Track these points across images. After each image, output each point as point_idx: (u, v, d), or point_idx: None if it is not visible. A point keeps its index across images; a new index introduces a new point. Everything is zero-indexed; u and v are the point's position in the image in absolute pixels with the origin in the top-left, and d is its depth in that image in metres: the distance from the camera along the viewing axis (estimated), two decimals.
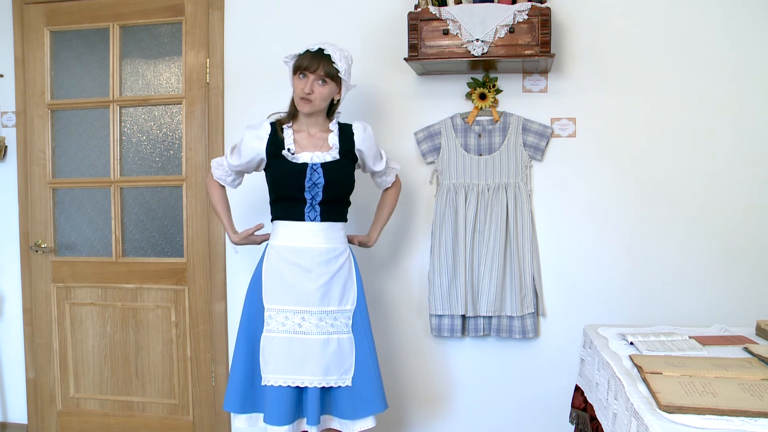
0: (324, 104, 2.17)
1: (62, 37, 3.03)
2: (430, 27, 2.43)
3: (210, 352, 2.92)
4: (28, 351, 3.08)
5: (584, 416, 2.05)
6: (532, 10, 2.36)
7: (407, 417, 2.78)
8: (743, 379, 1.47)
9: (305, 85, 2.11)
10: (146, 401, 2.98)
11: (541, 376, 2.66)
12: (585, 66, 2.58)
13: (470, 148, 2.64)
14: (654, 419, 1.29)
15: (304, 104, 2.14)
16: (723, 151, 2.52)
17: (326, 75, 2.11)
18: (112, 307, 2.99)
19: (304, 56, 2.13)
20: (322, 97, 2.13)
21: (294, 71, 2.15)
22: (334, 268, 2.18)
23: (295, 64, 2.15)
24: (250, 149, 2.20)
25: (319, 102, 2.14)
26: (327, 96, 2.15)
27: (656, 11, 2.53)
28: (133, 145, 2.99)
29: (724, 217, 2.53)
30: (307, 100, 2.12)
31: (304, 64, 2.11)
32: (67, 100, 3.02)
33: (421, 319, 2.74)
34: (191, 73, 2.88)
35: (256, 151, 2.19)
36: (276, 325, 2.13)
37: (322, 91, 2.12)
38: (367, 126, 2.27)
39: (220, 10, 2.83)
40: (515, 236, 2.58)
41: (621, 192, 2.59)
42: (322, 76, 2.11)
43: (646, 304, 2.58)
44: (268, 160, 2.18)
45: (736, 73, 2.50)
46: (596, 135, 2.59)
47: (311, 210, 2.16)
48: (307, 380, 2.10)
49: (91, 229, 3.05)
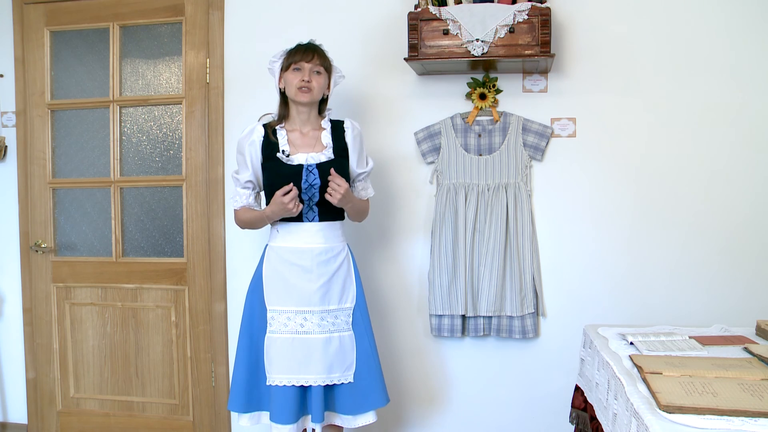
0: (320, 95, 2.21)
1: (62, 37, 3.03)
2: (430, 27, 2.43)
3: (210, 352, 2.92)
4: (28, 351, 3.08)
5: (584, 416, 2.05)
6: (532, 10, 2.36)
7: (407, 417, 2.79)
8: (743, 379, 1.47)
9: (303, 75, 2.14)
10: (146, 401, 2.98)
11: (541, 376, 2.66)
12: (585, 66, 2.58)
13: (470, 148, 2.64)
14: (654, 419, 1.29)
15: (303, 94, 2.15)
16: (723, 150, 2.52)
17: (321, 65, 2.18)
18: (112, 307, 2.99)
19: (296, 50, 2.18)
20: (319, 86, 2.18)
21: (286, 67, 2.17)
22: (334, 267, 2.19)
23: (286, 60, 2.18)
24: (249, 154, 2.20)
25: (317, 91, 2.17)
26: (323, 86, 2.20)
27: (656, 11, 2.53)
28: (133, 145, 2.99)
29: (724, 217, 2.53)
30: (307, 88, 2.14)
31: (299, 57, 2.16)
32: (67, 100, 3.02)
33: (421, 319, 2.74)
34: (191, 73, 2.88)
35: (255, 154, 2.19)
36: (278, 326, 2.15)
37: (319, 81, 2.18)
38: (357, 125, 2.30)
39: (220, 10, 2.83)
40: (515, 236, 2.58)
41: (621, 192, 2.59)
42: (318, 65, 2.17)
43: (646, 304, 2.58)
44: (264, 163, 2.19)
45: (736, 72, 2.50)
46: (596, 135, 2.59)
47: (309, 211, 2.17)
48: (311, 379, 2.12)
49: (91, 229, 3.05)
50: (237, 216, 2.29)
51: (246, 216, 2.25)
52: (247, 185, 2.24)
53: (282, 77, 2.20)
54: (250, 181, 2.23)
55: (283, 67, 2.19)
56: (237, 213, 2.28)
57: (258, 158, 2.19)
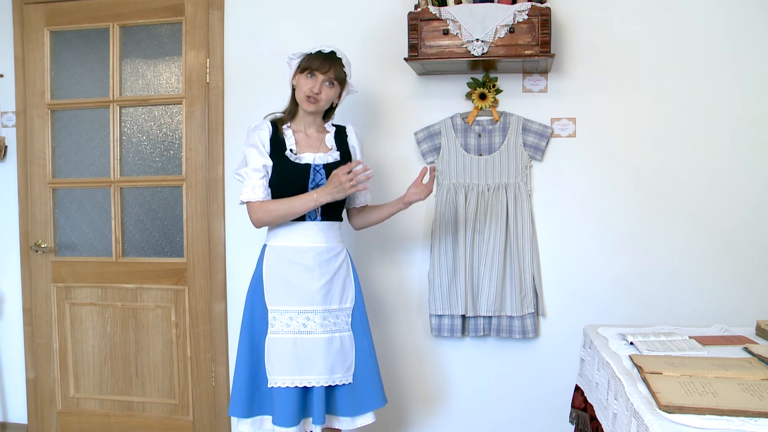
0: (326, 106, 2.21)
1: (62, 37, 3.03)
2: (430, 27, 2.43)
3: (210, 352, 2.92)
4: (28, 351, 3.08)
5: (584, 416, 2.05)
6: (532, 10, 2.36)
7: (407, 417, 2.78)
8: (743, 379, 1.47)
9: (314, 85, 2.13)
10: (146, 401, 2.98)
11: (541, 376, 2.66)
12: (585, 66, 2.58)
13: (470, 148, 2.64)
14: (654, 419, 1.29)
15: (309, 104, 2.15)
16: (723, 150, 2.52)
17: (335, 78, 2.15)
18: (112, 307, 2.99)
19: (315, 57, 2.14)
20: (328, 99, 2.17)
21: (301, 70, 2.15)
22: (335, 266, 2.19)
23: (303, 63, 2.15)
24: (261, 141, 2.16)
25: (324, 103, 2.17)
26: (332, 98, 2.19)
27: (657, 11, 2.53)
28: (133, 145, 2.99)
29: (724, 217, 2.53)
30: (315, 99, 2.14)
31: (315, 65, 2.12)
32: (67, 100, 3.02)
33: (421, 319, 2.74)
34: (191, 73, 2.88)
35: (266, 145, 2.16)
36: (280, 326, 2.14)
37: (329, 93, 2.16)
38: (358, 131, 2.33)
39: (220, 10, 2.83)
40: (515, 236, 2.58)
41: (621, 192, 2.59)
42: (331, 79, 2.14)
43: (646, 304, 2.58)
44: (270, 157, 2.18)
45: (736, 72, 2.50)
46: (596, 135, 2.59)
47: (312, 210, 2.16)
48: (314, 380, 2.11)
49: (91, 229, 3.05)
50: (260, 209, 2.11)
51: (275, 206, 2.09)
52: (261, 170, 2.12)
53: (296, 76, 2.19)
54: (265, 166, 2.12)
55: (300, 67, 2.16)
56: (260, 206, 2.11)
57: (268, 149, 2.16)
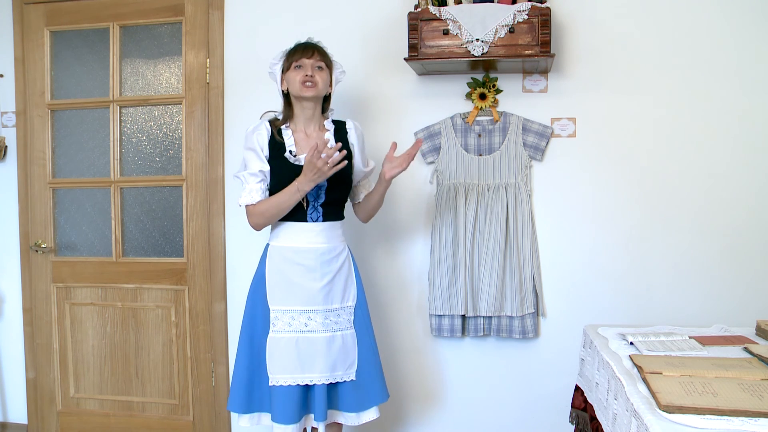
0: (324, 90, 2.19)
1: (62, 37, 3.03)
2: (430, 27, 2.43)
3: (210, 352, 2.92)
4: (28, 351, 3.08)
5: (584, 416, 2.05)
6: (532, 10, 2.36)
7: (407, 417, 2.78)
8: (743, 379, 1.47)
9: (306, 71, 2.14)
10: (146, 401, 2.98)
11: (541, 376, 2.66)
12: (585, 66, 2.58)
13: (470, 148, 2.64)
14: (654, 419, 1.29)
15: (308, 89, 2.14)
16: (723, 150, 2.52)
17: (322, 60, 2.18)
18: (112, 307, 2.99)
19: (295, 49, 2.19)
20: (323, 81, 2.17)
21: (287, 67, 2.17)
22: (336, 266, 2.19)
23: (287, 60, 2.18)
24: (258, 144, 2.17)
25: (321, 85, 2.16)
26: (326, 82, 2.19)
27: (657, 11, 2.53)
28: (133, 145, 2.99)
29: (724, 217, 2.53)
30: (312, 82, 2.14)
31: (299, 55, 2.16)
32: (67, 100, 3.02)
33: (421, 319, 2.74)
34: (191, 73, 2.88)
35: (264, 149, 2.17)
36: (282, 325, 2.14)
37: (322, 75, 2.17)
38: (359, 125, 2.33)
39: (220, 10, 2.83)
40: (515, 236, 2.58)
41: (621, 192, 2.59)
42: (319, 62, 2.17)
43: (646, 304, 2.58)
44: (269, 160, 2.18)
45: (737, 72, 2.50)
46: (596, 135, 2.59)
47: (314, 211, 2.17)
48: (315, 378, 2.12)
49: (91, 229, 3.05)
50: (255, 211, 2.14)
51: (265, 206, 2.12)
52: (258, 175, 2.14)
53: (284, 78, 2.20)
54: (262, 171, 2.14)
55: (284, 68, 2.19)
56: (255, 208, 2.14)
57: (266, 152, 2.17)
